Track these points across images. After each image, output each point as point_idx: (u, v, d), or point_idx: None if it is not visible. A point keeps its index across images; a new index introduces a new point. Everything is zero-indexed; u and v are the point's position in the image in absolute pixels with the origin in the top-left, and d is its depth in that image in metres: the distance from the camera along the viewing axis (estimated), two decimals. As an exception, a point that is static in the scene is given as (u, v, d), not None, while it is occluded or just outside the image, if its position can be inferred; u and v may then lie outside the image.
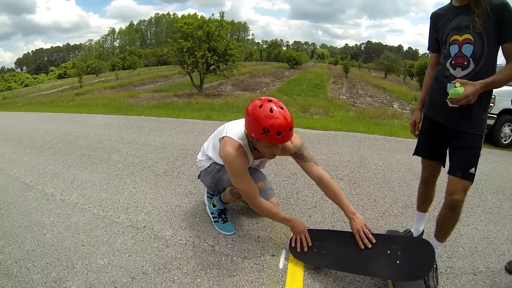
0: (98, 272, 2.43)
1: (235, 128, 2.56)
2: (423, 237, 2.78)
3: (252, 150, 2.55)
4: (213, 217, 2.98)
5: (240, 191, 2.52)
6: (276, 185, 3.81)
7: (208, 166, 2.84)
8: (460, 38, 2.07)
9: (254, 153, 2.60)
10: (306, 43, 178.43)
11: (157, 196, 3.61)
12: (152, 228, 2.97)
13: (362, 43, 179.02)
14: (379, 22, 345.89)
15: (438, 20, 2.25)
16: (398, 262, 2.19)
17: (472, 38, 2.02)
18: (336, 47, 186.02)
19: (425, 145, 2.46)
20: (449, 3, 2.22)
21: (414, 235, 2.72)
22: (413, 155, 2.55)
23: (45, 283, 2.36)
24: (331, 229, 2.92)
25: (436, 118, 2.28)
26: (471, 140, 2.13)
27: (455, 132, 2.18)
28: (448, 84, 2.04)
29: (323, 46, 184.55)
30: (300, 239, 2.52)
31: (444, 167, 2.44)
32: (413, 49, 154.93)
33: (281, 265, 2.48)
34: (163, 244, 2.73)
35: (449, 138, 2.25)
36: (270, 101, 2.20)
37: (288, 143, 2.59)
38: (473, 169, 2.13)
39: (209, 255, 2.59)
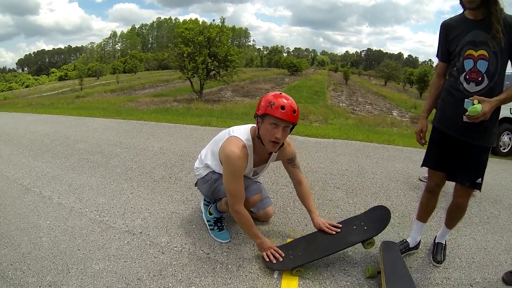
0: (93, 277, 2.43)
1: (241, 130, 2.63)
2: (420, 248, 2.80)
3: (255, 152, 2.61)
4: (209, 225, 2.98)
5: (227, 191, 2.53)
6: (273, 194, 3.81)
7: (206, 175, 2.85)
8: (476, 54, 2.10)
9: (256, 157, 2.65)
10: (306, 49, 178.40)
11: (154, 202, 3.61)
12: (148, 234, 2.97)
13: (363, 50, 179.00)
14: (380, 30, 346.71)
15: (450, 31, 2.26)
16: (365, 228, 2.64)
17: (487, 55, 2.06)
18: (337, 54, 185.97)
19: (434, 156, 2.48)
20: (461, 14, 2.24)
21: (411, 245, 2.74)
22: (422, 166, 2.58)
23: (40, 286, 2.36)
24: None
25: (448, 131, 2.32)
26: (481, 153, 2.25)
27: (466, 145, 2.25)
28: (465, 100, 2.07)
29: (323, 53, 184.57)
30: (271, 253, 2.56)
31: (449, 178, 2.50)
32: (413, 56, 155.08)
33: (275, 274, 2.47)
34: (159, 251, 2.73)
35: (459, 150, 2.30)
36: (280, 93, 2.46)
37: (288, 148, 2.74)
38: (480, 179, 2.27)
39: (204, 262, 2.59)
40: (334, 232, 2.65)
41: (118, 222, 3.20)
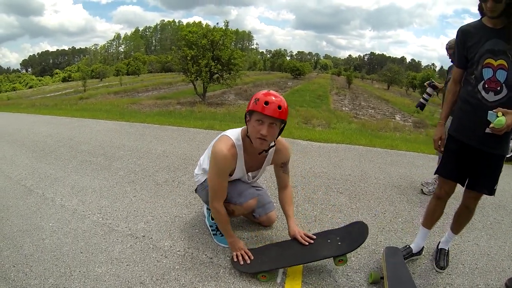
0: (95, 281, 2.43)
1: (233, 130, 2.65)
2: (423, 254, 2.79)
3: (246, 152, 2.60)
4: (211, 230, 2.98)
5: (210, 187, 2.58)
6: (276, 198, 3.77)
7: (204, 181, 2.85)
8: (495, 63, 2.10)
9: (247, 157, 2.64)
10: (309, 53, 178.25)
11: (157, 206, 3.61)
12: (151, 238, 2.97)
13: (366, 54, 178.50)
14: (383, 34, 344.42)
15: (468, 38, 2.25)
16: (340, 243, 2.54)
17: (506, 65, 2.07)
18: (340, 58, 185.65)
19: (450, 165, 2.47)
20: (479, 20, 2.24)
21: (414, 251, 2.73)
22: (435, 174, 2.58)
23: (42, 289, 2.36)
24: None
25: (466, 141, 2.32)
26: (498, 161, 2.30)
27: (485, 155, 2.27)
28: (489, 112, 2.07)
29: (326, 56, 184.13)
30: (241, 254, 2.59)
31: (463, 186, 2.50)
32: (416, 60, 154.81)
33: (278, 279, 2.47)
34: (162, 255, 2.73)
35: (477, 159, 2.32)
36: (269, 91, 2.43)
37: (285, 152, 2.74)
38: (496, 185, 2.36)
39: (207, 267, 2.58)
40: (307, 243, 2.61)
41: (121, 225, 3.20)
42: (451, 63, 3.95)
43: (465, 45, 2.27)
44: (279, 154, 2.71)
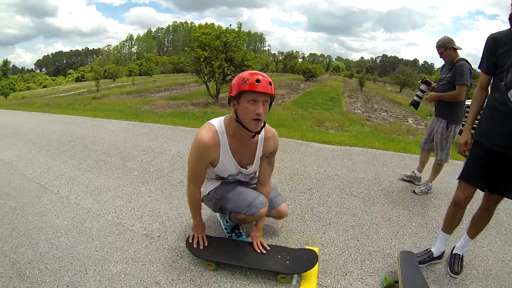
0: (110, 279, 2.45)
1: (216, 118, 2.55)
2: (443, 258, 2.77)
3: (234, 137, 2.48)
4: (226, 232, 2.97)
5: (188, 168, 2.55)
6: (291, 200, 3.78)
7: (208, 193, 2.79)
8: None
9: (235, 143, 2.51)
10: (322, 55, 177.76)
11: (172, 206, 3.61)
12: (166, 238, 2.98)
13: (378, 56, 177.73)
14: (395, 36, 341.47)
15: (499, 46, 2.28)
16: (288, 263, 2.55)
17: None
18: (352, 60, 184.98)
19: (475, 171, 2.46)
20: (508, 30, 2.26)
21: (435, 255, 2.71)
22: (458, 179, 2.55)
23: (57, 286, 2.39)
24: (347, 247, 2.90)
25: (494, 147, 2.31)
26: None
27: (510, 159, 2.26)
28: None
29: (338, 58, 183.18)
30: (198, 237, 2.68)
31: (483, 191, 2.51)
32: (429, 63, 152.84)
33: (294, 282, 2.46)
34: (177, 255, 2.73)
35: (503, 165, 2.32)
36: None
37: (273, 140, 2.65)
38: None
39: (223, 268, 2.58)
40: (259, 251, 2.63)
41: (136, 225, 3.22)
42: (444, 62, 4.08)
43: (495, 52, 2.29)
44: (270, 142, 2.62)
